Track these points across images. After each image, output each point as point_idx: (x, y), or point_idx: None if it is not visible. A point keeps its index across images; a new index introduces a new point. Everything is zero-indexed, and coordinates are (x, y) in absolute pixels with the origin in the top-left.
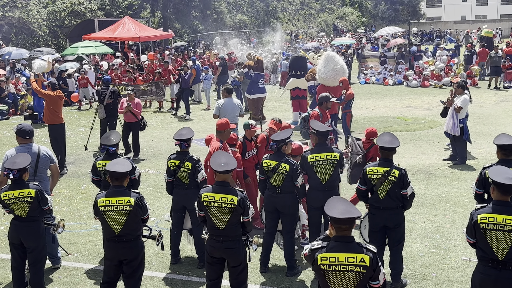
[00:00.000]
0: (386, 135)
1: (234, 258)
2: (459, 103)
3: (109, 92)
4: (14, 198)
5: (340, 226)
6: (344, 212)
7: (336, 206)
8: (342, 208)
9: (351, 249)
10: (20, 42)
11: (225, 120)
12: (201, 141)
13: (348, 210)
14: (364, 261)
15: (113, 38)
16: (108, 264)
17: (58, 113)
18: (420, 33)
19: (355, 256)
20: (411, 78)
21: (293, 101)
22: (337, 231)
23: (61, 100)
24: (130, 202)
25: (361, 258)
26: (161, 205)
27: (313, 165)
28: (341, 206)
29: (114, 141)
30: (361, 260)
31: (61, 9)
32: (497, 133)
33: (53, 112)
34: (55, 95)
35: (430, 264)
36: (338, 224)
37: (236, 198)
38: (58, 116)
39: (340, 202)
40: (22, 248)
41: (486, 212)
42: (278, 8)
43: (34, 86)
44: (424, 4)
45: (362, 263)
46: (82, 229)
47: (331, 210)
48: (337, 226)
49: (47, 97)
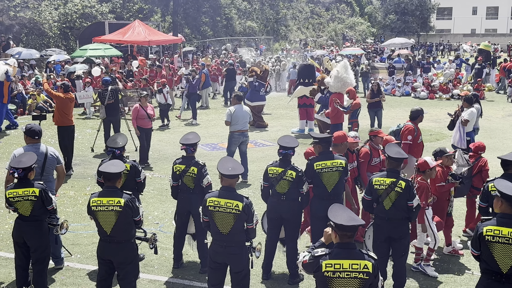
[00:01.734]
0: (394, 146)
1: (236, 264)
2: (465, 116)
3: (109, 92)
4: (18, 197)
5: (345, 233)
6: (350, 219)
7: (340, 213)
8: (346, 215)
9: (355, 256)
10: (31, 43)
11: (342, 132)
12: (207, 146)
13: (353, 217)
14: (367, 267)
15: (123, 41)
16: (99, 261)
17: (68, 115)
18: (419, 45)
19: (359, 262)
20: (419, 89)
21: (300, 109)
22: (341, 238)
23: (72, 103)
24: (120, 203)
25: (365, 265)
26: (165, 209)
27: (319, 173)
28: (345, 213)
29: (121, 144)
30: (365, 267)
31: (72, 11)
32: (504, 147)
33: (63, 114)
34: (66, 97)
35: (433, 277)
36: (343, 232)
37: (241, 204)
38: (68, 118)
39: (342, 210)
40: (26, 247)
41: (491, 225)
42: (287, 16)
43: (45, 87)
44: (434, 16)
45: (365, 269)
46: (86, 231)
47: (337, 218)
48: (342, 233)
49: (58, 99)
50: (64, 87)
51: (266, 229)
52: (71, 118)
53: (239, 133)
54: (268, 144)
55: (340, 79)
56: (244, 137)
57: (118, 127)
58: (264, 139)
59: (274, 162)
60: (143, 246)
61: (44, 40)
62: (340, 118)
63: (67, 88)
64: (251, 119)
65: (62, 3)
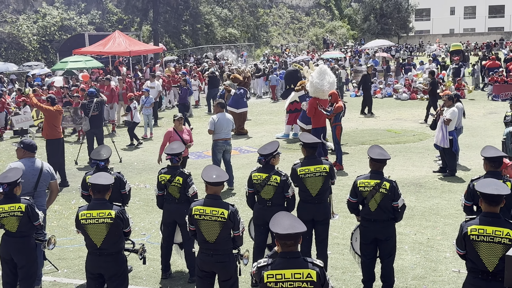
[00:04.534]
0: (376, 147)
1: (224, 272)
2: (448, 116)
3: (94, 104)
4: (4, 212)
5: (285, 242)
6: (288, 227)
7: (281, 221)
8: (287, 223)
9: (297, 265)
10: (10, 57)
11: None
12: (192, 155)
13: (292, 225)
14: (311, 276)
15: (104, 52)
16: (89, 276)
17: (57, 127)
18: (399, 47)
19: (302, 271)
20: (401, 90)
21: (290, 114)
22: (283, 247)
23: (60, 115)
24: (111, 214)
25: (308, 274)
26: (151, 220)
27: (302, 178)
28: (286, 221)
29: (105, 156)
30: (308, 276)
31: (51, 23)
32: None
33: (53, 127)
34: (55, 109)
35: (421, 276)
36: (283, 240)
37: (226, 211)
38: (57, 131)
39: (285, 218)
40: (13, 264)
41: (475, 224)
42: (268, 22)
43: (34, 101)
44: (413, 18)
45: (309, 278)
46: (71, 245)
47: (275, 226)
48: (282, 242)
49: (47, 112)
50: (50, 100)
51: (253, 235)
52: (60, 131)
53: (223, 141)
54: (253, 150)
55: (313, 85)
56: (227, 145)
57: (101, 139)
58: (249, 146)
59: (258, 168)
60: (131, 258)
61: (24, 54)
62: (321, 122)
63: (54, 101)
64: (233, 127)
65: (40, 17)
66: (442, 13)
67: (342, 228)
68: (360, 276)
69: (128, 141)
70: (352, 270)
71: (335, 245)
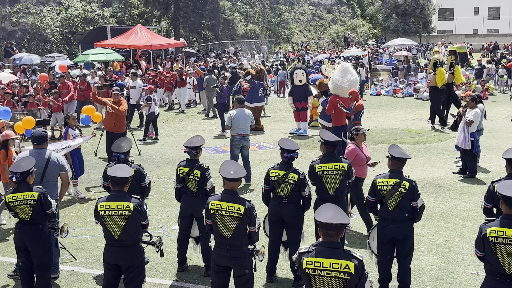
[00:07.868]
0: (396, 147)
1: (239, 267)
2: (470, 117)
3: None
4: (18, 201)
5: (326, 232)
6: (331, 217)
7: (326, 211)
8: (330, 214)
9: (337, 255)
10: (33, 48)
11: None
12: (210, 149)
13: (335, 216)
14: (349, 267)
15: (125, 45)
16: (106, 267)
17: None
18: (415, 47)
19: (340, 262)
20: (422, 89)
21: (295, 112)
22: (324, 237)
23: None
24: (130, 207)
25: (346, 265)
26: (169, 213)
27: (320, 175)
28: (330, 212)
29: (125, 149)
30: (346, 267)
31: (74, 16)
32: (507, 147)
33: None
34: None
35: (438, 278)
36: (324, 229)
37: (243, 207)
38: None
39: (331, 209)
40: (28, 252)
41: (495, 226)
42: (289, 19)
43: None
44: (436, 17)
45: (346, 269)
46: (90, 235)
47: (319, 215)
48: (324, 231)
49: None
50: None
51: (268, 232)
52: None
53: (240, 137)
54: (271, 146)
55: (333, 81)
56: (245, 141)
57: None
58: (267, 142)
59: (275, 165)
60: (148, 250)
61: (47, 45)
62: (342, 120)
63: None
64: (253, 123)
65: (63, 8)
66: (466, 13)
67: (359, 227)
68: (376, 275)
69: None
70: (368, 269)
71: (351, 244)
